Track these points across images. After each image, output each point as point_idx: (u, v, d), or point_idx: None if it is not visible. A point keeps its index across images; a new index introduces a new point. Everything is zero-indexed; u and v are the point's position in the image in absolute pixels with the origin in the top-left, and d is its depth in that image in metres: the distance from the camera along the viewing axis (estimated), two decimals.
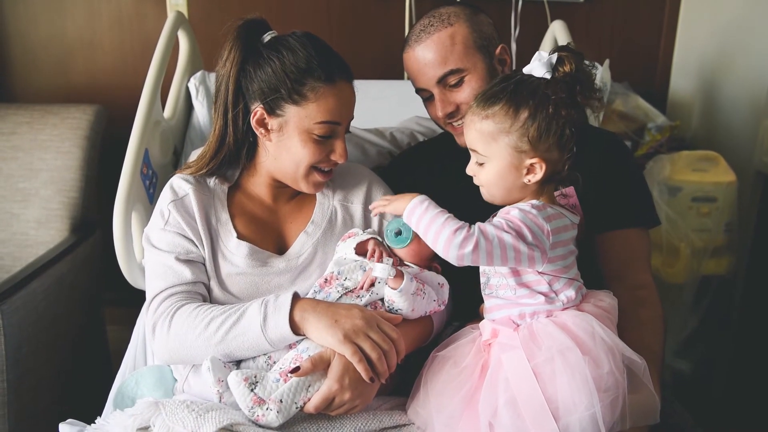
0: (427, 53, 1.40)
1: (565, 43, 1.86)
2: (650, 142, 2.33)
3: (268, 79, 1.26)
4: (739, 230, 2.21)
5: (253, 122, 1.29)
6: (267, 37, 1.30)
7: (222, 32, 1.30)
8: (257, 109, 1.28)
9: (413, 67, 1.44)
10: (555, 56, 1.15)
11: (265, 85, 1.26)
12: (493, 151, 1.15)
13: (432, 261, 1.31)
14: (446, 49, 1.39)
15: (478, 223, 1.13)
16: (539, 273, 1.14)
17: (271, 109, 1.27)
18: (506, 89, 1.14)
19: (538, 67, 1.15)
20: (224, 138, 1.32)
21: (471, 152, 1.20)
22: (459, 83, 1.41)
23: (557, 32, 1.94)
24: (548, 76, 1.14)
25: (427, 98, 1.47)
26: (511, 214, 1.14)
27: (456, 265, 1.13)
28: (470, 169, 1.21)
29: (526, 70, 1.17)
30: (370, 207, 1.32)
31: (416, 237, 1.24)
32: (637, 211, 1.41)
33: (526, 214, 1.12)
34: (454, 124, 1.45)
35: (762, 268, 2.25)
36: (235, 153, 1.34)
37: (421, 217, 1.14)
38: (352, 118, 1.34)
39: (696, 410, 2.02)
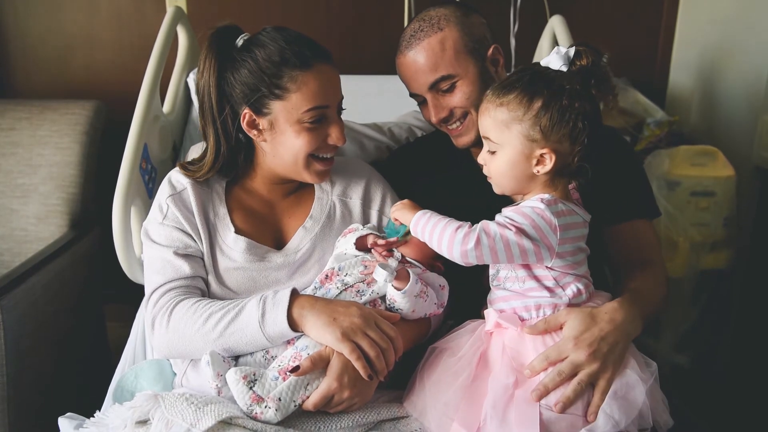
0: (418, 59, 1.40)
1: (565, 38, 1.87)
2: (649, 137, 2.32)
3: (247, 81, 1.26)
4: (737, 224, 2.21)
5: (243, 125, 1.29)
6: (240, 41, 1.30)
7: (198, 40, 1.30)
8: (245, 112, 1.28)
9: (405, 72, 1.44)
10: (573, 50, 1.16)
11: (245, 87, 1.26)
12: (505, 138, 1.15)
13: (435, 260, 1.31)
14: (436, 55, 1.39)
15: (483, 221, 1.13)
16: (547, 268, 1.15)
17: (258, 109, 1.28)
18: (522, 79, 1.15)
19: (555, 59, 1.16)
20: (219, 148, 1.33)
21: (484, 140, 1.20)
22: (451, 88, 1.41)
23: (556, 27, 1.93)
24: (564, 68, 1.15)
25: (421, 102, 1.47)
26: (516, 210, 1.14)
27: (463, 264, 1.13)
28: (482, 158, 1.21)
29: (543, 62, 1.18)
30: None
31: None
32: (644, 203, 1.44)
33: (533, 209, 1.12)
34: (449, 126, 1.46)
35: (761, 263, 2.24)
36: (232, 158, 1.35)
37: (426, 224, 1.16)
38: (342, 98, 1.34)
39: (695, 404, 2.03)
